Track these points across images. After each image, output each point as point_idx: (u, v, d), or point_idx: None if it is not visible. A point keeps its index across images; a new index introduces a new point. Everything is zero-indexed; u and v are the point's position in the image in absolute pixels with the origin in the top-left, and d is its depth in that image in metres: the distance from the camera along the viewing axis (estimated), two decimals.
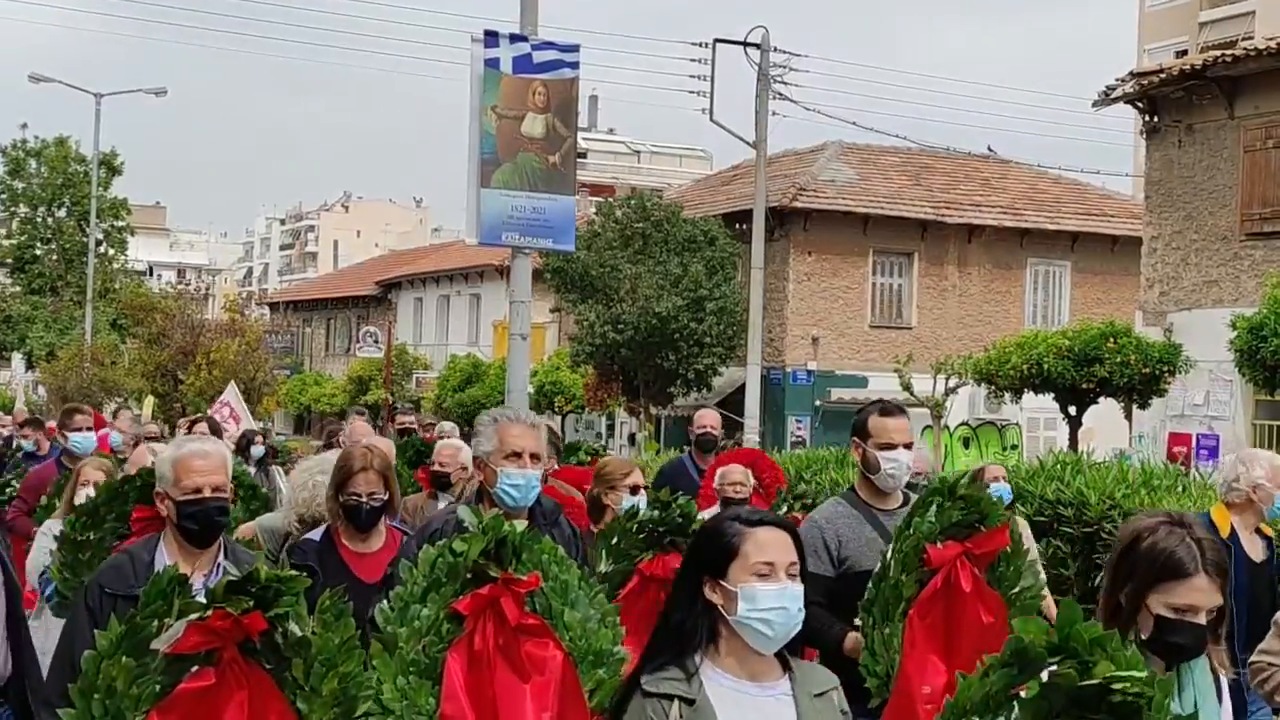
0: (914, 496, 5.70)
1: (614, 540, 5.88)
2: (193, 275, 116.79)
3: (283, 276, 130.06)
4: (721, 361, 33.17)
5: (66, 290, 59.24)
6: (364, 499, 5.74)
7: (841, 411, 36.79)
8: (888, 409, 5.92)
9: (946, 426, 29.32)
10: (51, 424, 13.97)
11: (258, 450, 14.69)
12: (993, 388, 24.19)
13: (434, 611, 3.99)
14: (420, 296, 57.72)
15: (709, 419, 11.00)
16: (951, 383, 28.67)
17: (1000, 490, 8.30)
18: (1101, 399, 22.87)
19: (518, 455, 5.23)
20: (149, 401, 39.06)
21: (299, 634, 3.66)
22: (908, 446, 5.81)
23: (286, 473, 13.59)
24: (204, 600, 3.59)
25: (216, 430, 13.08)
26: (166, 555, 4.69)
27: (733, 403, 34.03)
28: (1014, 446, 30.57)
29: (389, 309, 58.60)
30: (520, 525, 4.15)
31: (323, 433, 17.04)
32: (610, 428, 42.56)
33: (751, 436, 28.61)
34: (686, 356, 32.40)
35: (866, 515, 5.74)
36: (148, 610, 3.64)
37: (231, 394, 21.82)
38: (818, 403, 36.93)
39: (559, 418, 42.16)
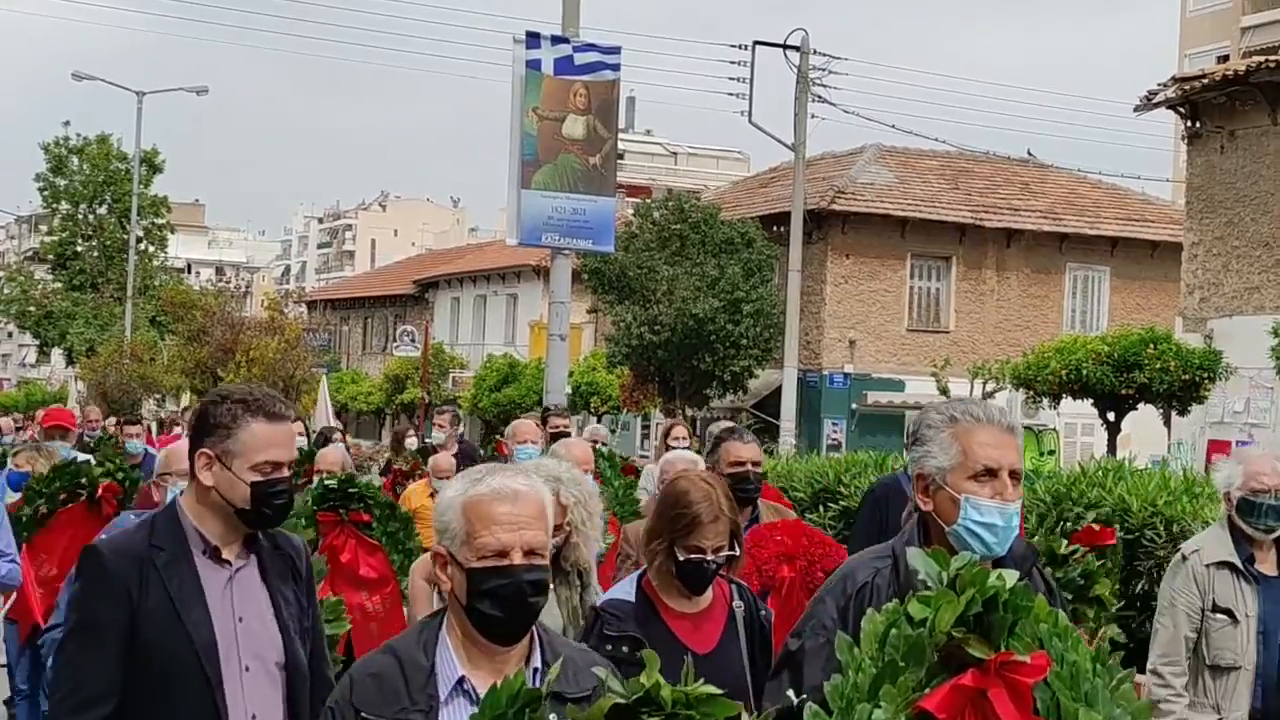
0: None
1: None
2: (231, 273, 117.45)
3: (320, 275, 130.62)
4: (758, 364, 33.16)
5: (107, 287, 59.68)
6: (709, 557, 4.43)
7: (878, 415, 36.73)
8: None
9: None
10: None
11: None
12: (1030, 393, 24.11)
13: (891, 713, 2.71)
14: (457, 296, 57.89)
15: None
16: (989, 387, 28.60)
17: None
18: (1140, 405, 22.77)
19: (992, 474, 3.42)
20: (187, 398, 39.32)
21: None
22: None
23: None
24: None
25: (326, 438, 11.70)
26: (454, 655, 3.13)
27: (769, 405, 34.04)
28: (1051, 452, 30.42)
29: (426, 308, 58.77)
30: (1011, 577, 2.81)
31: (394, 435, 16.31)
32: (646, 429, 42.60)
33: (788, 439, 28.61)
34: (723, 358, 32.40)
35: None
36: None
37: (324, 392, 21.71)
38: (854, 406, 36.88)
39: (594, 419, 42.26)
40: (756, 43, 32.35)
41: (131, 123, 50.80)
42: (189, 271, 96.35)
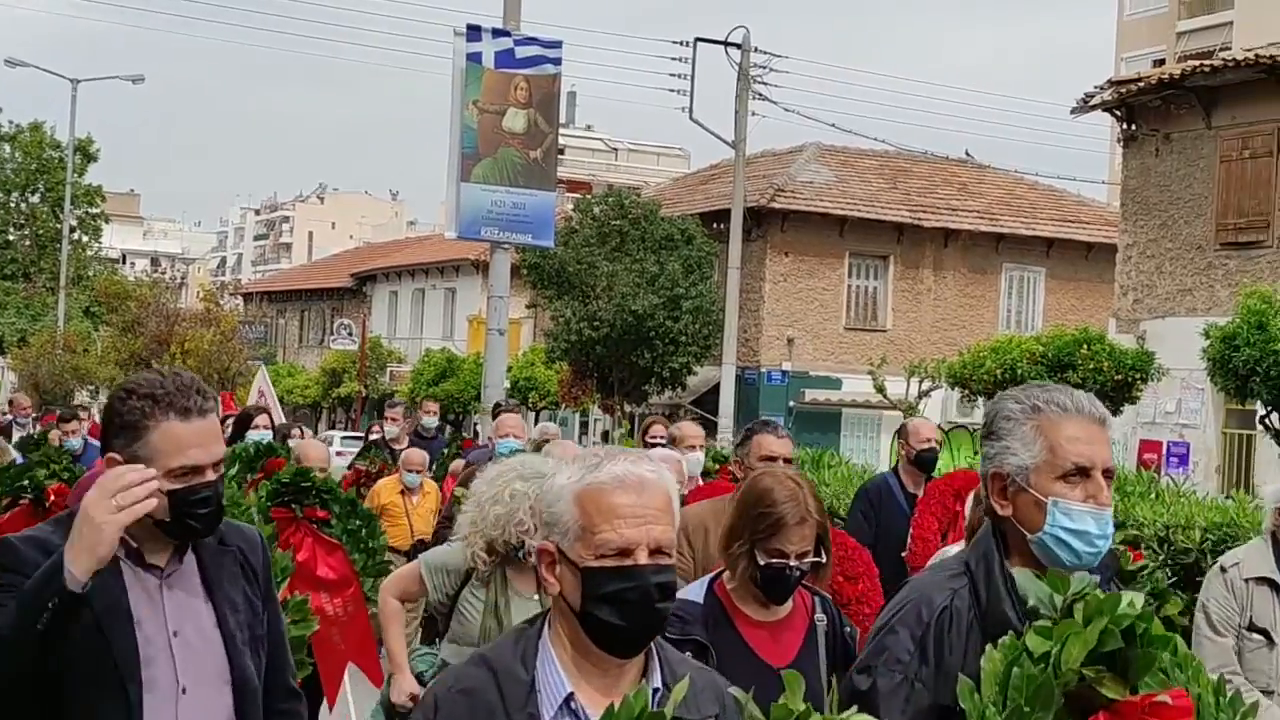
0: None
1: None
2: (166, 264, 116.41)
3: (256, 267, 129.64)
4: (697, 360, 33.22)
5: (39, 277, 59.03)
6: (793, 563, 4.03)
7: (815, 413, 36.90)
8: None
9: None
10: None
11: (261, 434, 11.89)
12: (966, 391, 24.28)
13: None
14: (395, 289, 57.64)
15: (929, 430, 8.73)
16: (925, 386, 28.79)
17: None
18: None
19: (1084, 473, 2.96)
20: None
21: None
22: None
23: None
24: None
25: (285, 435, 10.82)
26: (560, 668, 2.70)
27: (707, 402, 34.10)
28: None
29: (363, 301, 58.50)
30: (1139, 601, 2.49)
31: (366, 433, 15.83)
32: (584, 425, 42.59)
33: (726, 436, 28.66)
34: (662, 355, 32.44)
35: None
36: None
37: (264, 381, 21.32)
38: (791, 403, 37.01)
39: (533, 414, 42.21)
40: (698, 39, 32.41)
41: (66, 110, 50.28)
42: (123, 262, 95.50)
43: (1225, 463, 23.74)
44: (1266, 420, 17.78)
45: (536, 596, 5.01)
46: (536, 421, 42.58)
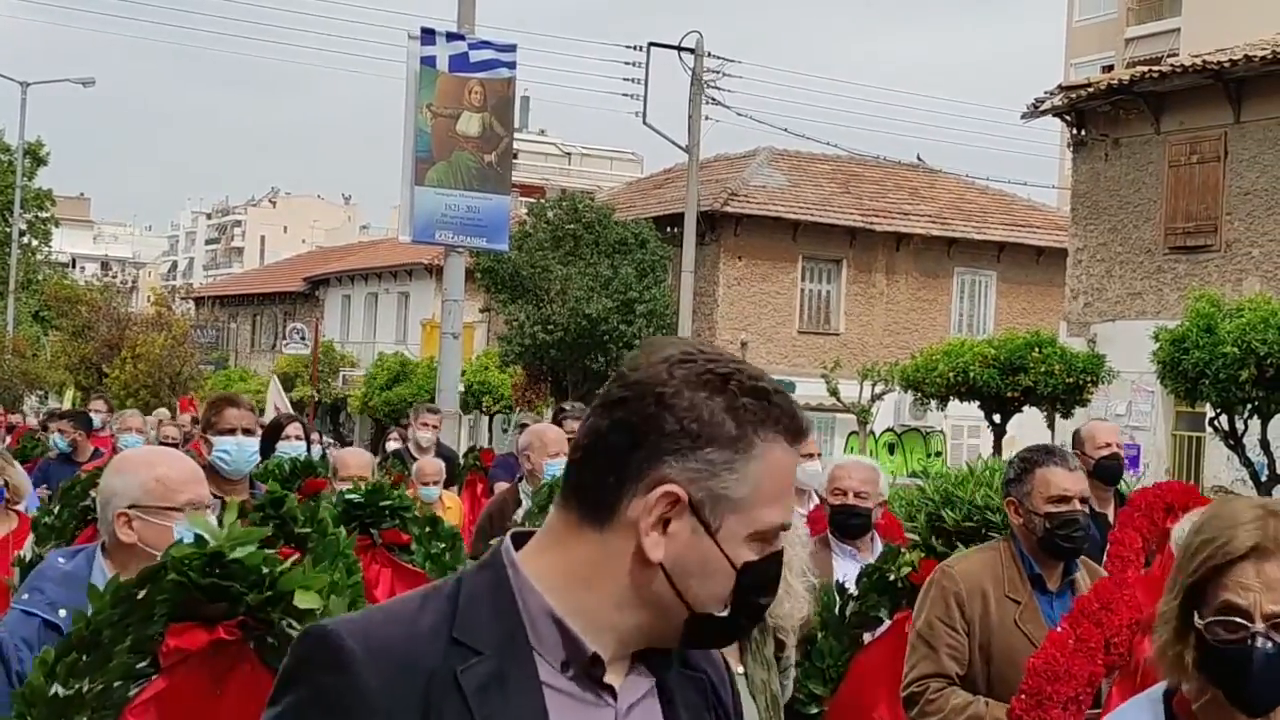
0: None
1: None
2: (117, 268, 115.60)
3: (208, 271, 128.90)
4: None
5: None
6: (1257, 626, 2.60)
7: None
8: None
9: (872, 432, 29.58)
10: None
11: (294, 447, 8.06)
12: (918, 395, 24.41)
13: None
14: (348, 294, 57.40)
15: (1108, 433, 7.14)
16: (877, 389, 28.93)
17: None
18: (1025, 408, 23.13)
19: None
20: (70, 394, 38.66)
21: None
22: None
23: None
24: None
25: (280, 426, 8.53)
26: None
27: None
28: (938, 454, 30.86)
29: (316, 306, 58.21)
30: None
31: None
32: None
33: None
34: (616, 358, 32.40)
35: None
36: None
37: (278, 393, 21.15)
38: None
39: (486, 418, 42.14)
40: (651, 44, 32.49)
41: (14, 114, 49.85)
42: (74, 266, 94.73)
43: (1175, 465, 23.96)
44: (1216, 422, 17.95)
45: (741, 670, 3.89)
46: (490, 426, 42.50)
